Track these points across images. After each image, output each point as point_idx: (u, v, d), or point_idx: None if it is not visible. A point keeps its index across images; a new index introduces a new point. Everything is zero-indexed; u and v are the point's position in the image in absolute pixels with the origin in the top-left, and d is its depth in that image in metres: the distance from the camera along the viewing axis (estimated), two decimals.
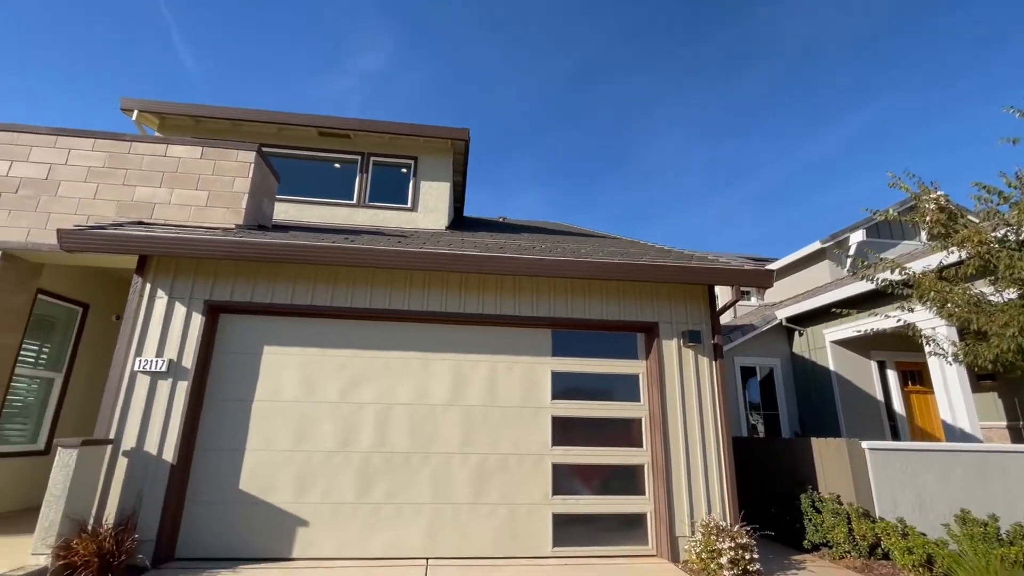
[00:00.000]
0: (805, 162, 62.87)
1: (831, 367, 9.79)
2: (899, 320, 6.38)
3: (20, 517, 5.57)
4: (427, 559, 4.96)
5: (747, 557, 4.63)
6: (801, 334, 10.51)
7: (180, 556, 4.77)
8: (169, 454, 4.84)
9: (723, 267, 5.78)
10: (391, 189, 9.14)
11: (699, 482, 5.38)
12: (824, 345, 9.93)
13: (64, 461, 4.30)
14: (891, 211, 6.35)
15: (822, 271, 12.06)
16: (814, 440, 6.31)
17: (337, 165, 9.23)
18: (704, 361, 5.79)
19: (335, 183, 9.08)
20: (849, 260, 11.53)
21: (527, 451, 5.44)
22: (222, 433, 5.14)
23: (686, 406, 5.62)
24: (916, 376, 10.06)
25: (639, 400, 5.77)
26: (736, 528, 4.91)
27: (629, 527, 5.40)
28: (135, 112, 8.37)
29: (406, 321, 5.67)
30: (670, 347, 5.79)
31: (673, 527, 5.21)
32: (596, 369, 5.81)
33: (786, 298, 12.16)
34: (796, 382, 10.55)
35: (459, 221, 10.97)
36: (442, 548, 5.06)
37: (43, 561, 4.06)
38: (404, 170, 9.28)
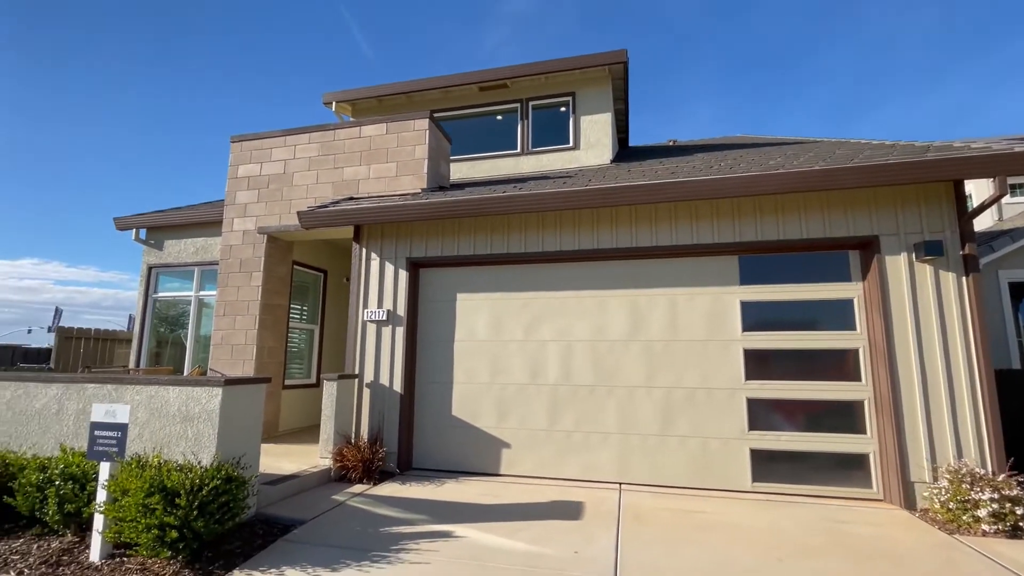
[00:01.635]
0: None
1: None
2: None
3: (304, 432, 7.46)
4: (619, 483, 5.20)
5: (1018, 512, 3.76)
6: None
7: (415, 467, 5.86)
8: (398, 385, 5.89)
9: (977, 154, 4.43)
10: (552, 131, 9.09)
11: (943, 422, 4.47)
12: None
13: (329, 391, 5.57)
14: None
15: None
16: None
17: (499, 117, 9.51)
18: (948, 277, 4.64)
19: (499, 135, 9.40)
20: None
21: (716, 385, 5.17)
22: (434, 368, 6.02)
23: (922, 333, 4.63)
24: None
25: (853, 328, 4.95)
26: (1002, 478, 4.00)
27: (845, 467, 4.81)
28: (333, 103, 9.78)
29: (578, 261, 5.74)
30: (896, 264, 4.77)
31: (906, 471, 4.48)
32: (794, 296, 5.13)
33: None
34: None
35: (624, 153, 10.46)
36: (633, 474, 5.23)
37: (327, 463, 5.41)
38: (563, 108, 9.11)
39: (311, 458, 5.63)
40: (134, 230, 8.71)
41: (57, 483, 3.68)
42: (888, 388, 4.62)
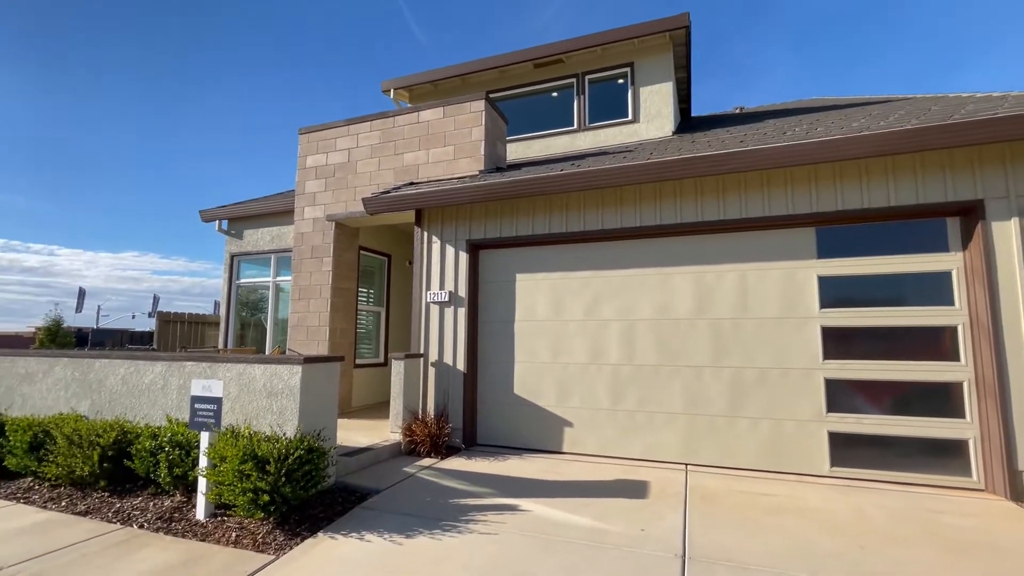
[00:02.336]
0: None
1: None
2: None
3: (375, 408, 7.85)
4: (685, 464, 5.10)
5: None
6: None
7: (479, 443, 6.03)
8: (461, 365, 6.05)
9: None
10: (610, 105, 8.82)
11: None
12: None
13: (397, 369, 5.82)
14: None
15: None
16: None
17: (555, 94, 9.33)
18: None
19: (555, 113, 9.24)
20: None
21: (790, 365, 4.91)
22: (495, 348, 6.13)
23: None
24: None
25: (951, 303, 4.51)
26: None
27: (939, 454, 4.44)
28: (391, 91, 9.99)
29: (640, 238, 5.59)
30: (1004, 231, 4.27)
31: (1013, 459, 4.07)
32: (880, 269, 4.73)
33: None
34: None
35: (686, 124, 9.98)
36: (700, 456, 5.11)
37: (397, 437, 5.68)
38: (620, 81, 8.80)
39: (382, 432, 5.93)
40: (217, 222, 9.41)
41: (166, 449, 4.12)
42: (993, 369, 4.19)
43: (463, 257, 6.24)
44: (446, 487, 4.51)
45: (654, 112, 8.42)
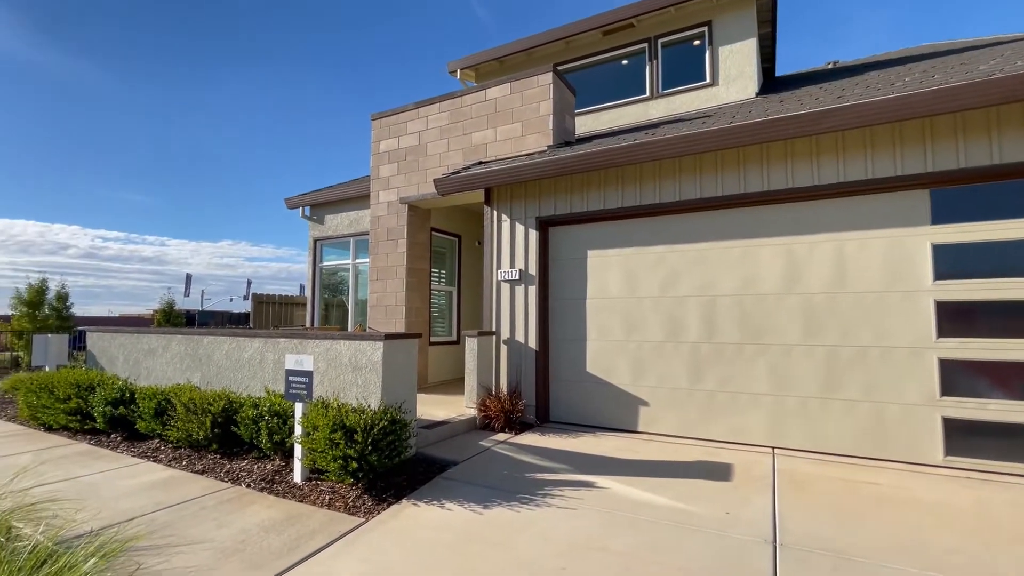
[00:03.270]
0: None
1: None
2: None
3: (449, 385, 8.09)
4: (772, 448, 4.82)
5: None
6: None
7: (552, 419, 6.05)
8: (532, 342, 6.06)
9: None
10: (685, 69, 8.29)
11: None
12: None
13: (471, 347, 5.94)
14: None
15: None
16: None
17: (624, 62, 8.92)
18: None
19: (625, 82, 8.84)
20: None
21: (896, 343, 4.44)
22: (566, 326, 6.07)
23: None
24: None
25: None
26: None
27: None
28: (458, 71, 10.02)
29: (720, 208, 5.26)
30: None
31: None
32: (1013, 234, 4.11)
33: None
34: None
35: (770, 84, 9.18)
36: (789, 439, 4.80)
37: (471, 412, 5.83)
38: (697, 42, 8.22)
39: (457, 407, 6.11)
40: (300, 208, 10.01)
41: (266, 418, 4.49)
42: None
43: (533, 235, 6.19)
44: (522, 461, 4.57)
45: (735, 73, 7.82)
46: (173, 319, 16.55)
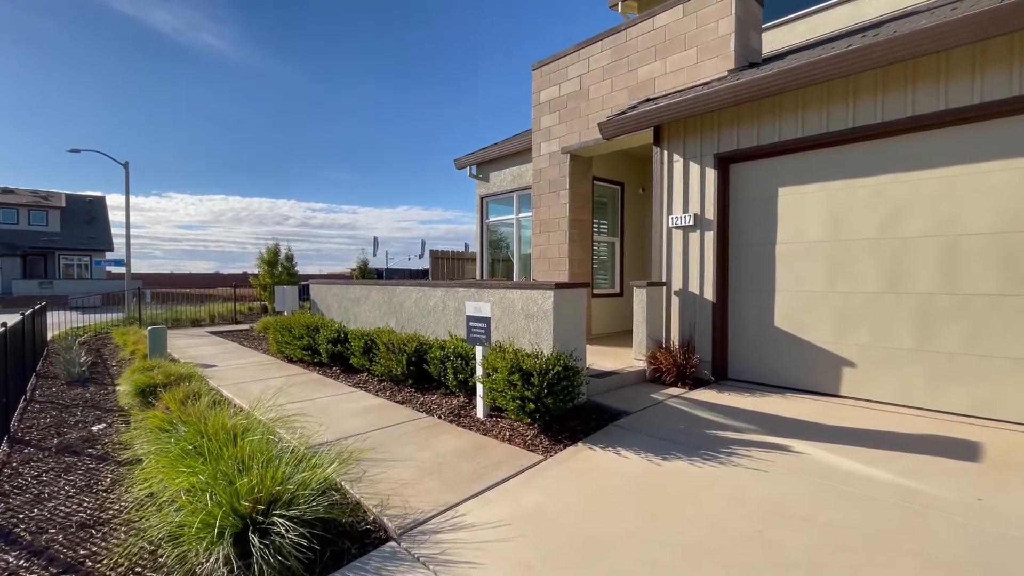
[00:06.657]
0: None
1: None
2: None
3: (613, 337, 7.96)
4: None
5: None
6: None
7: (730, 377, 5.57)
8: (708, 293, 5.57)
9: None
10: None
11: None
12: None
13: (639, 297, 5.71)
14: None
15: None
16: None
17: None
18: None
19: None
20: None
21: None
22: (749, 275, 5.43)
23: None
24: None
25: None
26: None
27: None
28: (619, 4, 9.29)
29: (976, 120, 4.04)
30: None
31: None
32: None
33: None
34: None
35: None
36: None
37: (640, 364, 5.65)
38: None
39: (625, 359, 5.99)
40: (468, 168, 10.56)
41: (451, 359, 4.95)
42: None
43: (710, 174, 5.57)
44: (699, 417, 4.30)
45: None
46: (366, 276, 19.33)
